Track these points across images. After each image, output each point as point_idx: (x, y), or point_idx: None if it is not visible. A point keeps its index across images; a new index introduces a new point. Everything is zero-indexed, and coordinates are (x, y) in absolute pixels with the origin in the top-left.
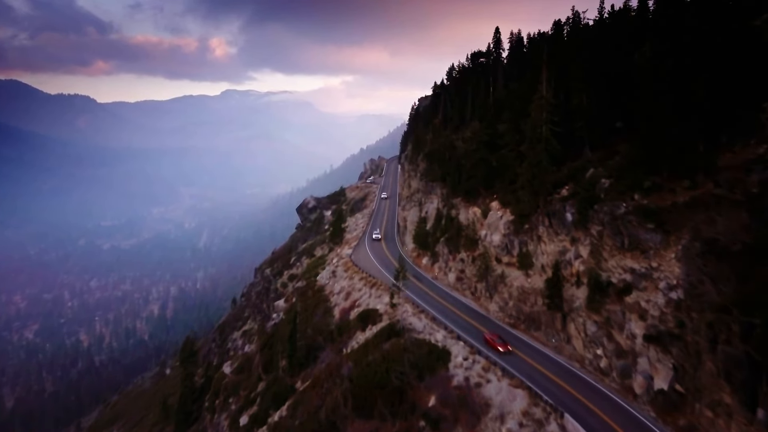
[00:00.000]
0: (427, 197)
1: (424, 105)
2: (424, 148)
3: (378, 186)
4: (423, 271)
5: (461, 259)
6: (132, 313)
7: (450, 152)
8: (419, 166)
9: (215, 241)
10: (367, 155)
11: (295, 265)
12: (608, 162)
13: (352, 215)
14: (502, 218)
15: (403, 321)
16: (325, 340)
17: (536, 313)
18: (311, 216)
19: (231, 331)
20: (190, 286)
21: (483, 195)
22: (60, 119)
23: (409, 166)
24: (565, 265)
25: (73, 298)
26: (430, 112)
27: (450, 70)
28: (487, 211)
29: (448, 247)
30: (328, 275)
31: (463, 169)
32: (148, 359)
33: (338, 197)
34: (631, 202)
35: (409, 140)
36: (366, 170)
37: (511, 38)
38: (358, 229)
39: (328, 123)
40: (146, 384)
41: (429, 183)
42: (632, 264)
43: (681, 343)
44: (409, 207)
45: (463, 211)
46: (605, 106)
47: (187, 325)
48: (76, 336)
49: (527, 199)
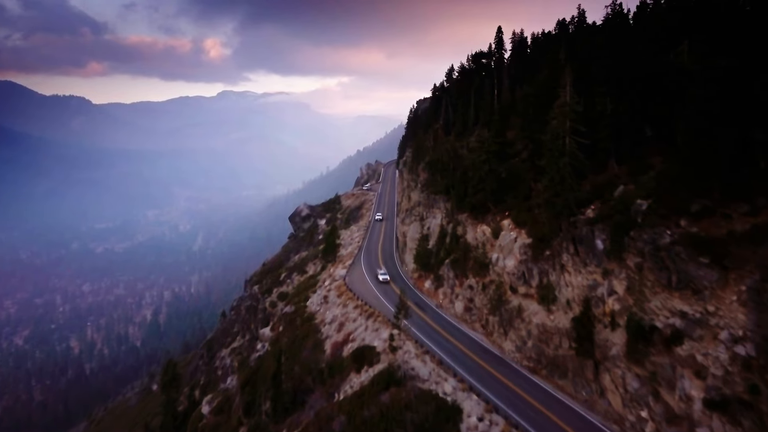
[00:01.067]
0: (429, 211)
1: (423, 107)
2: (425, 156)
3: (375, 194)
4: (426, 296)
5: (470, 286)
6: (124, 319)
7: (454, 162)
8: (420, 177)
9: (210, 244)
10: (364, 157)
11: (285, 282)
12: (640, 178)
13: (347, 227)
14: (517, 240)
15: (404, 365)
16: (314, 380)
17: (561, 358)
18: (304, 225)
19: (219, 347)
20: (184, 290)
21: (493, 211)
22: (55, 121)
23: (409, 176)
24: (597, 303)
25: (65, 303)
26: (430, 115)
27: (449, 71)
28: (498, 230)
29: (454, 270)
30: (319, 300)
31: (469, 181)
32: (140, 367)
33: (333, 205)
34: (677, 230)
35: (407, 145)
36: (362, 175)
37: (513, 38)
38: (353, 243)
39: (325, 124)
40: (132, 401)
41: (431, 196)
42: (682, 306)
43: (754, 413)
44: (409, 221)
45: (471, 230)
46: (633, 112)
47: (180, 331)
48: (66, 342)
49: (547, 220)
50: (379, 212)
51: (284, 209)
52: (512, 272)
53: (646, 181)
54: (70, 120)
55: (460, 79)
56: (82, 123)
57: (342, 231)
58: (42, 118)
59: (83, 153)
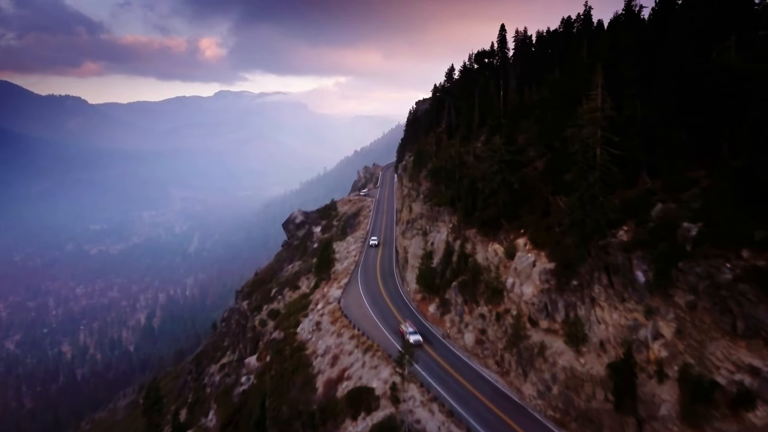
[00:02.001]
0: (432, 225)
1: (423, 109)
2: (427, 162)
3: (373, 200)
4: (430, 322)
5: (481, 315)
6: (118, 322)
7: (460, 170)
8: (422, 186)
9: (206, 246)
10: (362, 158)
11: (276, 299)
12: (681, 195)
13: (343, 238)
14: (536, 265)
15: (408, 417)
16: (304, 426)
17: (595, 412)
18: (298, 233)
19: (209, 362)
20: (179, 293)
21: (505, 228)
22: (51, 121)
23: (409, 184)
24: (639, 347)
25: (58, 306)
26: (432, 118)
27: (449, 71)
28: (512, 250)
29: (462, 294)
30: (311, 327)
31: (478, 193)
32: (132, 373)
33: (329, 211)
34: (738, 262)
35: (407, 148)
36: (360, 178)
37: (516, 37)
38: (349, 257)
39: (322, 124)
40: (119, 415)
41: (435, 208)
42: (751, 359)
43: None
44: (411, 235)
45: (481, 248)
46: (668, 118)
47: (174, 336)
48: (59, 347)
49: (573, 244)
50: (374, 236)
51: (281, 210)
52: (531, 302)
53: (690, 198)
54: (66, 120)
55: (462, 79)
56: (78, 123)
57: (337, 243)
58: (38, 118)
59: (80, 153)
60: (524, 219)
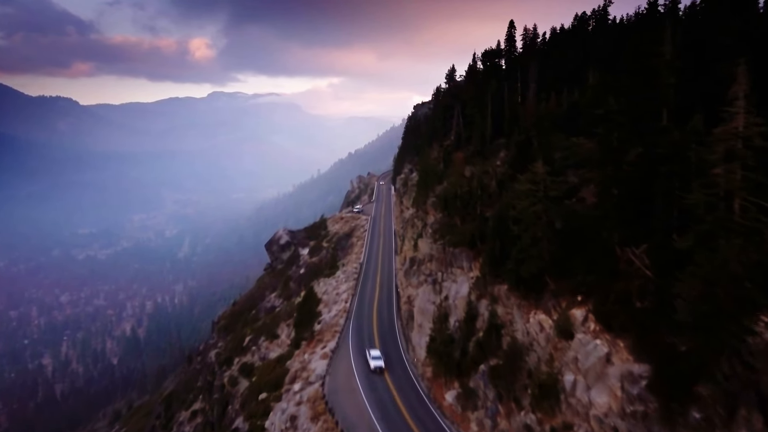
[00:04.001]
0: (446, 272)
1: (423, 113)
2: (434, 183)
3: (368, 218)
4: (448, 418)
5: (527, 427)
6: (103, 332)
7: (481, 200)
8: (429, 215)
9: (197, 251)
10: (356, 160)
11: (250, 350)
12: None
13: (332, 273)
14: (612, 360)
15: None
16: None
17: None
18: (283, 255)
19: (179, 406)
20: (167, 301)
21: (551, 288)
22: (42, 122)
23: (412, 210)
24: None
25: (41, 316)
26: (437, 126)
27: (450, 72)
28: (566, 326)
29: (495, 386)
30: (283, 423)
31: (508, 234)
32: (114, 390)
33: (318, 231)
34: None
35: (405, 159)
36: (353, 189)
37: (525, 35)
38: (339, 302)
39: (316, 125)
40: None
41: (449, 249)
42: None
43: None
44: (417, 282)
45: (518, 316)
46: None
47: (159, 349)
48: (39, 359)
49: (694, 348)
50: (375, 350)
51: (273, 213)
52: (611, 423)
53: None
54: (57, 121)
55: (470, 82)
56: (70, 124)
57: (324, 281)
58: (28, 119)
59: (71, 155)
60: (580, 278)
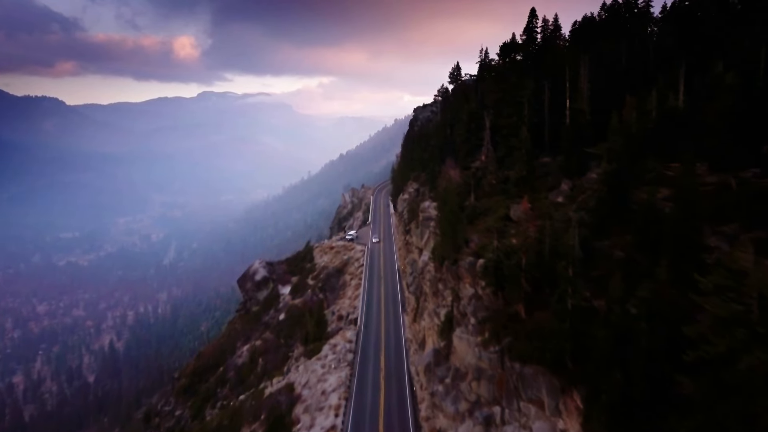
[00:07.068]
0: (510, 407)
1: (425, 118)
2: (467, 232)
3: (364, 249)
4: None
5: None
6: (80, 346)
7: (570, 279)
8: (464, 285)
9: (183, 256)
10: (347, 162)
11: None
12: None
13: (316, 352)
14: None
15: None
16: None
17: None
18: (259, 294)
19: None
20: (150, 311)
21: None
22: (27, 122)
23: (436, 273)
24: None
25: (16, 328)
26: (458, 140)
27: (454, 71)
28: None
29: None
30: None
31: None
32: (87, 414)
33: (302, 263)
34: None
35: (409, 176)
36: (345, 203)
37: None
38: (324, 410)
39: (307, 125)
40: None
41: (514, 365)
42: None
43: None
44: (455, 410)
45: None
46: None
47: (138, 367)
48: (11, 377)
49: None
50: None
51: (263, 216)
52: None
53: None
54: (43, 121)
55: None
56: (56, 125)
57: (305, 365)
58: (12, 120)
59: (56, 155)
60: None
